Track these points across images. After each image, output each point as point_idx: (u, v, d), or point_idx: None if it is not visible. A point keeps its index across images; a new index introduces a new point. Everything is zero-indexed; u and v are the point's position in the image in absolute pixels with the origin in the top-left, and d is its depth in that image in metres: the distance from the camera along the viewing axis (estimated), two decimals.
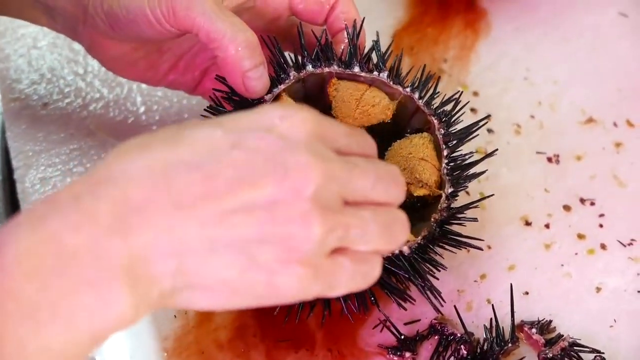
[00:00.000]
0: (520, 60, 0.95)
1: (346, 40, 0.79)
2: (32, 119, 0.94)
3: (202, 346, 0.79)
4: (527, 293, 0.81)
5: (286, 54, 0.79)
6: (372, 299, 0.76)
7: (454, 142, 0.78)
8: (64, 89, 0.95)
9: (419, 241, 0.74)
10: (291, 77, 0.77)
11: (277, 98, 0.77)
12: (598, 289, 0.81)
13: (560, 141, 0.90)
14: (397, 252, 0.73)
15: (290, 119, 0.59)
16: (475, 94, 0.93)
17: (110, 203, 0.54)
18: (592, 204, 0.86)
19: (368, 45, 0.81)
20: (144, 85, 0.94)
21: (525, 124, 0.91)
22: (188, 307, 0.58)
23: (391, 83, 0.78)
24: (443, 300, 0.78)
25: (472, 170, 0.78)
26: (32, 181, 0.90)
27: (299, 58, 0.78)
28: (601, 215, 0.85)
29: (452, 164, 0.77)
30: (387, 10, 0.86)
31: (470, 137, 0.79)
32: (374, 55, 0.80)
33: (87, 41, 0.82)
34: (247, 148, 0.57)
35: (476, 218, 0.79)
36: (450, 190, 0.76)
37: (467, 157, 0.78)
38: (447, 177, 0.76)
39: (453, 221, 0.77)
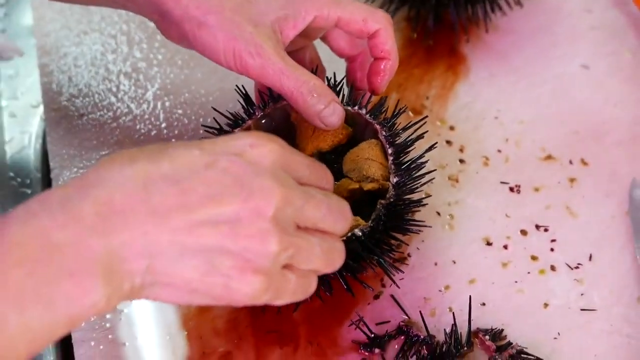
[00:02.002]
0: (492, 102, 0.93)
1: (385, 72, 0.78)
2: (69, 127, 0.93)
3: (201, 332, 0.79)
4: (484, 304, 0.79)
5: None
6: (346, 286, 0.76)
7: (397, 140, 0.77)
8: (98, 103, 0.94)
9: (370, 224, 0.72)
10: (256, 113, 0.78)
11: (248, 130, 0.77)
12: (546, 305, 0.79)
13: (522, 174, 0.88)
14: (352, 236, 0.72)
15: (260, 148, 0.59)
16: (452, 128, 0.91)
17: (94, 205, 0.54)
18: (546, 230, 0.84)
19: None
20: (167, 104, 0.94)
21: (493, 157, 0.89)
22: (154, 300, 0.58)
23: (343, 104, 0.77)
24: (401, 271, 0.80)
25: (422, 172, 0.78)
26: (65, 181, 0.89)
27: (263, 97, 0.79)
28: (553, 241, 0.83)
29: (398, 159, 0.76)
30: None
31: (414, 136, 0.78)
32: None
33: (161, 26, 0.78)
34: (219, 169, 0.57)
35: (421, 201, 0.78)
36: (395, 180, 0.75)
37: (415, 158, 0.78)
38: (392, 171, 0.75)
39: (399, 203, 0.76)
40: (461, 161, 0.89)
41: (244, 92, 0.79)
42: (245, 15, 0.72)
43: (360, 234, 0.72)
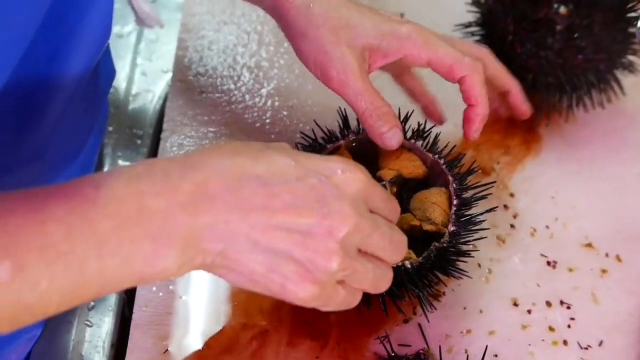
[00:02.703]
0: (553, 183, 0.96)
1: (474, 120, 0.80)
2: (188, 99, 0.98)
3: (248, 306, 0.82)
4: (496, 356, 0.82)
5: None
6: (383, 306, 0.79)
7: (464, 194, 0.80)
8: (218, 86, 0.99)
9: (420, 260, 0.76)
10: (350, 136, 0.82)
11: (337, 148, 0.81)
12: None
13: (562, 252, 0.90)
14: (402, 266, 0.75)
15: (348, 174, 0.61)
16: (512, 195, 0.94)
17: (191, 184, 0.56)
18: (568, 307, 0.86)
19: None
20: (276, 103, 0.98)
21: (540, 231, 0.91)
22: (218, 276, 0.60)
23: (424, 150, 0.82)
24: (434, 307, 0.82)
25: (475, 227, 0.81)
26: (172, 144, 0.94)
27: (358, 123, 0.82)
28: (572, 319, 0.85)
29: (460, 211, 0.79)
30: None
31: (478, 195, 0.81)
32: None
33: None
34: (307, 184, 0.59)
35: (470, 253, 0.80)
36: (452, 228, 0.78)
37: (474, 215, 0.81)
38: (452, 220, 0.78)
39: (451, 249, 0.79)
40: (512, 226, 0.92)
41: (344, 114, 0.83)
42: (341, 36, 0.76)
43: (410, 266, 0.76)
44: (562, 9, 0.92)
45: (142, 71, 1.05)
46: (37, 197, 0.55)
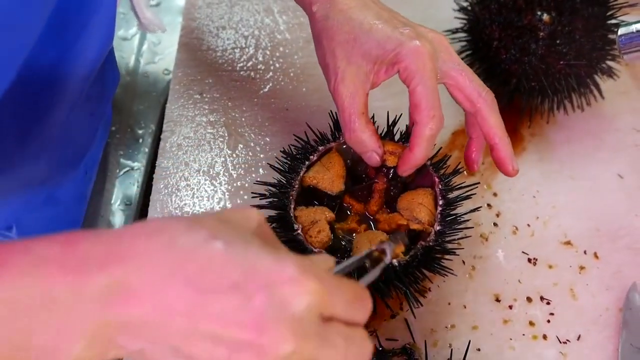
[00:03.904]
0: (534, 182, 0.90)
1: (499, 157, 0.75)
2: (187, 100, 0.93)
3: None
4: (479, 349, 0.78)
5: None
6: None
7: (449, 195, 0.76)
8: (216, 88, 0.93)
9: (407, 259, 0.71)
10: (341, 138, 0.76)
11: (328, 150, 0.76)
12: None
13: (542, 250, 0.85)
14: (389, 265, 0.70)
15: (298, 287, 0.47)
16: (495, 194, 0.89)
17: (108, 277, 0.46)
18: (548, 303, 0.81)
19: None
20: (272, 105, 0.92)
21: (522, 229, 0.87)
22: None
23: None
24: (421, 304, 0.78)
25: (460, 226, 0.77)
26: (172, 144, 0.90)
27: None
28: (551, 314, 0.81)
29: (445, 211, 0.75)
30: (454, 113, 0.82)
31: (463, 195, 0.77)
32: None
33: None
34: (243, 295, 0.46)
35: (455, 251, 0.76)
36: (438, 227, 0.73)
37: (459, 215, 0.76)
38: (438, 219, 0.74)
39: (437, 248, 0.74)
40: (494, 224, 0.87)
41: (335, 118, 0.78)
42: (348, 50, 0.71)
43: (397, 264, 0.71)
44: (545, 17, 0.87)
45: (145, 73, 0.99)
46: None
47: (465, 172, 0.88)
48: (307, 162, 0.76)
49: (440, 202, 0.75)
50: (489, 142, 0.75)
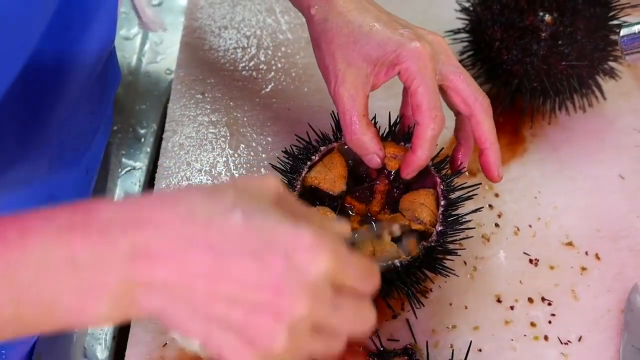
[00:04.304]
0: (536, 183, 0.90)
1: (486, 162, 0.76)
2: (189, 100, 0.93)
3: None
4: (480, 350, 0.77)
5: None
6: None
7: (450, 195, 0.75)
8: (218, 88, 0.93)
9: (408, 259, 0.71)
10: (342, 139, 0.75)
11: (330, 151, 0.76)
12: None
13: (543, 251, 0.85)
14: (392, 265, 0.70)
15: (315, 254, 0.49)
16: (497, 195, 0.89)
17: (130, 242, 0.48)
18: (550, 304, 0.81)
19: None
20: (274, 105, 0.92)
21: (523, 230, 0.86)
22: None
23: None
24: (422, 304, 0.78)
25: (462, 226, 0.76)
26: (173, 144, 0.90)
27: None
28: (553, 315, 0.80)
29: (447, 212, 0.74)
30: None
31: (465, 195, 0.76)
32: None
33: None
34: (262, 262, 0.48)
35: (456, 251, 0.75)
36: (440, 228, 0.73)
37: (461, 215, 0.76)
38: (440, 220, 0.74)
39: (438, 248, 0.74)
40: (496, 225, 0.86)
41: (336, 118, 0.78)
42: (347, 53, 0.71)
43: (399, 264, 0.71)
44: (547, 18, 0.87)
45: (146, 72, 0.99)
46: None
47: (466, 172, 0.88)
48: (308, 163, 0.76)
49: (442, 203, 0.75)
50: (480, 146, 0.75)
